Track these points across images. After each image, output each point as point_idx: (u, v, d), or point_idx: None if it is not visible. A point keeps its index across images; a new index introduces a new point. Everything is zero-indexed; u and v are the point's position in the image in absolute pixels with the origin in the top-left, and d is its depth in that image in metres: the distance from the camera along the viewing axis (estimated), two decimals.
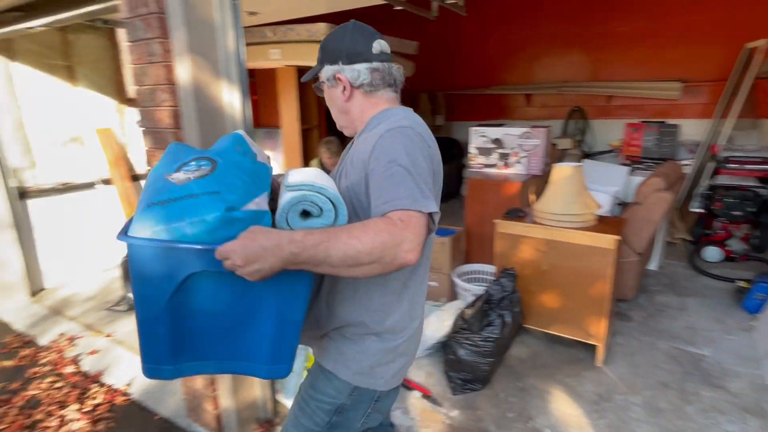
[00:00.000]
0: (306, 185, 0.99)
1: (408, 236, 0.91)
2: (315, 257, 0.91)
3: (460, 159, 6.68)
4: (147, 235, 0.94)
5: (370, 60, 1.17)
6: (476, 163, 3.74)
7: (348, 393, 1.20)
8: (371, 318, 1.16)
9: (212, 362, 1.08)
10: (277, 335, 1.05)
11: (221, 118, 1.86)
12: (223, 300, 1.02)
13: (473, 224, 3.59)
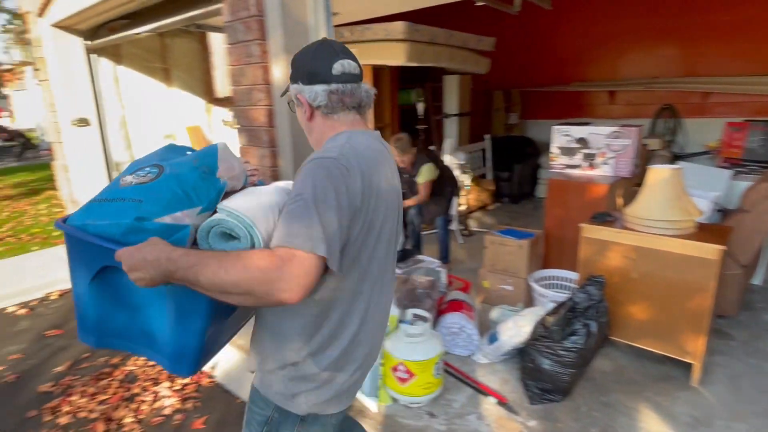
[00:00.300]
0: (226, 210, 1.04)
1: (286, 276, 0.89)
2: (187, 278, 0.93)
3: (534, 159, 6.43)
4: (78, 225, 1.05)
5: (328, 81, 1.12)
6: (558, 163, 3.57)
7: (273, 408, 1.15)
8: (285, 345, 1.11)
9: (131, 344, 1.18)
10: (177, 339, 1.10)
11: None
12: (131, 295, 1.10)
13: (553, 227, 3.44)
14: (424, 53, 4.53)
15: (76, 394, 2.55)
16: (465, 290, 3.29)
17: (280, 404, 1.13)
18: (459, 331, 2.75)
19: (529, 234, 3.30)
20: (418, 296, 2.83)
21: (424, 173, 3.66)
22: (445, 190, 3.87)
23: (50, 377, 2.75)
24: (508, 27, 6.62)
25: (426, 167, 3.66)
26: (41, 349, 3.08)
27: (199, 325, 1.09)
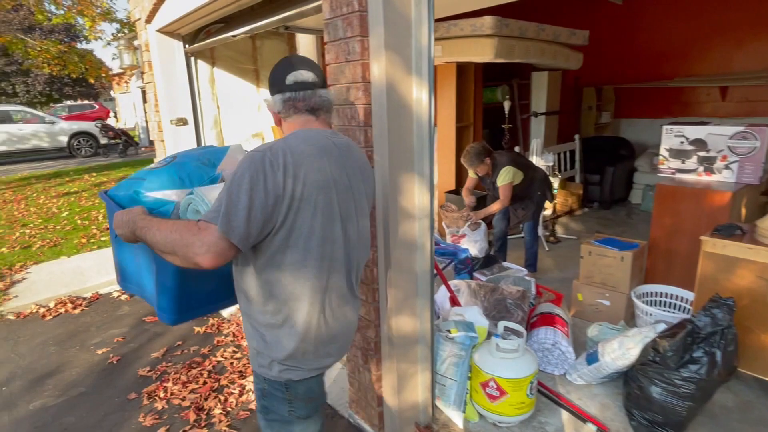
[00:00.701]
0: (195, 192, 1.37)
1: (197, 242, 1.11)
2: (143, 237, 1.22)
3: (629, 161, 5.92)
4: (109, 194, 1.44)
5: (283, 91, 1.35)
6: (667, 167, 3.21)
7: (262, 380, 1.34)
8: (250, 321, 1.32)
9: (140, 290, 1.56)
10: (158, 291, 1.44)
11: (408, 116, 1.82)
12: (135, 252, 1.48)
13: (660, 238, 3.09)
14: (513, 49, 4.30)
15: (170, 380, 2.67)
16: (557, 303, 3.05)
17: (265, 375, 1.32)
18: (552, 347, 2.54)
19: (631, 245, 2.99)
20: (508, 307, 2.66)
21: (502, 176, 3.46)
22: (533, 193, 3.63)
23: (147, 362, 2.92)
24: (604, 18, 6.15)
25: (504, 170, 3.45)
26: (140, 334, 3.28)
27: (170, 281, 1.39)
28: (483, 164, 3.49)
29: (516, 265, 3.51)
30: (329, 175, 1.26)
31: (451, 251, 3.45)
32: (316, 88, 1.37)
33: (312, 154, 1.24)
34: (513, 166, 3.49)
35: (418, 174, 1.89)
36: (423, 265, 2.01)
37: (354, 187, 1.35)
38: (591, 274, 3.06)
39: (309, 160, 1.22)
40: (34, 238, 5.35)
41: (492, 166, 3.54)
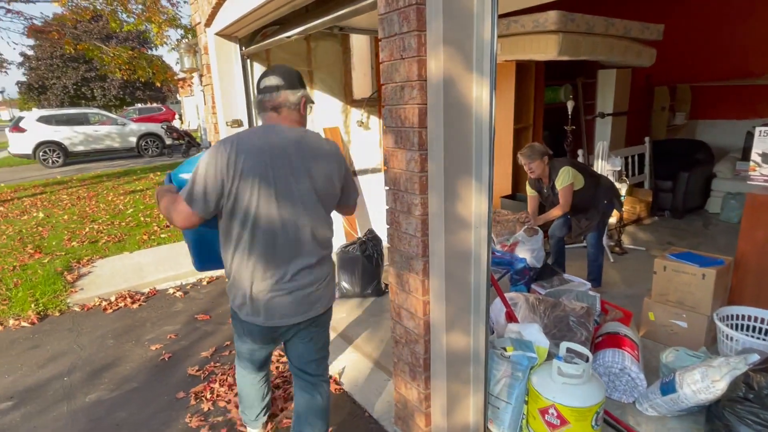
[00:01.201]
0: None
1: (173, 210, 1.60)
2: (157, 205, 1.81)
3: (706, 166, 5.41)
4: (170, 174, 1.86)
5: (257, 94, 1.74)
6: (759, 174, 2.85)
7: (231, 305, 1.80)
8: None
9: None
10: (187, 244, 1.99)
11: (467, 116, 1.68)
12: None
13: (750, 254, 2.74)
14: (579, 45, 4.02)
15: (217, 381, 2.67)
16: (625, 322, 2.78)
17: (231, 302, 1.78)
18: (620, 372, 2.29)
19: (714, 260, 2.67)
20: (571, 326, 2.43)
21: (561, 177, 3.21)
22: (599, 202, 3.35)
23: (197, 361, 2.94)
24: (680, 9, 5.67)
25: (563, 171, 3.20)
26: (191, 332, 3.33)
27: (189, 237, 1.93)
28: (540, 161, 3.27)
29: (578, 278, 3.25)
30: (268, 160, 1.59)
31: (507, 260, 3.25)
32: (280, 90, 1.68)
33: (255, 143, 1.60)
34: (572, 167, 3.24)
35: (476, 179, 1.74)
36: (478, 278, 1.85)
37: (298, 175, 1.64)
38: (665, 291, 2.76)
39: (251, 148, 1.59)
40: (101, 233, 5.66)
41: (549, 168, 3.31)
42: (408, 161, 1.73)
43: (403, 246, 1.87)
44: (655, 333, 2.84)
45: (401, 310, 1.98)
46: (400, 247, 1.90)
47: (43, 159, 12.65)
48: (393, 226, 1.91)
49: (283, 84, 1.67)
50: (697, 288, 2.62)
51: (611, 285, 3.71)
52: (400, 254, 1.90)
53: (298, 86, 1.71)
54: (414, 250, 1.80)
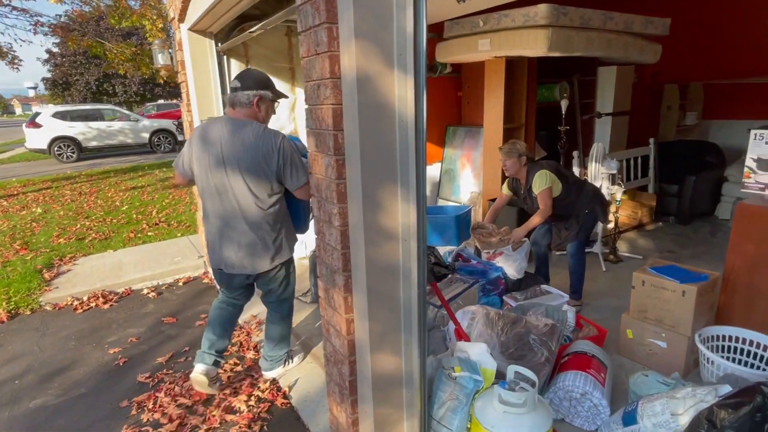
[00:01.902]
0: None
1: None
2: None
3: (717, 170, 5.08)
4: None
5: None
6: (754, 182, 2.59)
7: None
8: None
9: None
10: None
11: (389, 117, 1.51)
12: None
13: (739, 270, 2.50)
14: (572, 40, 3.78)
15: (164, 390, 2.57)
16: (599, 340, 2.57)
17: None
18: (581, 397, 2.10)
19: (699, 276, 2.44)
20: (531, 344, 2.24)
21: (537, 181, 3.00)
22: (579, 210, 3.12)
23: (150, 367, 2.85)
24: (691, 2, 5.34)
25: (539, 174, 2.99)
26: (154, 335, 3.25)
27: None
28: (516, 160, 3.08)
29: (557, 290, 3.04)
30: (209, 145, 2.15)
31: (480, 270, 3.07)
32: (236, 90, 2.16)
33: (206, 131, 2.20)
34: (550, 170, 3.03)
35: (402, 187, 1.58)
36: (409, 294, 1.69)
37: (226, 155, 2.12)
38: (644, 308, 2.54)
39: (202, 134, 2.21)
40: (90, 230, 5.66)
41: (528, 170, 3.10)
42: (326, 167, 1.58)
43: (328, 258, 1.72)
44: (633, 352, 2.62)
45: (329, 327, 1.83)
46: (325, 260, 1.75)
47: (57, 154, 12.91)
48: (319, 236, 1.77)
49: (240, 86, 2.16)
50: (677, 306, 2.39)
51: (598, 295, 3.48)
52: (326, 267, 1.76)
53: (253, 87, 2.15)
54: (336, 264, 1.65)
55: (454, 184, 5.18)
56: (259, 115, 2.20)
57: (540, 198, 3.03)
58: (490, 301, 2.98)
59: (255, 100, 2.15)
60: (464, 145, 5.08)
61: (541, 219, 3.10)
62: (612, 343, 2.76)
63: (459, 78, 5.15)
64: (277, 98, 2.28)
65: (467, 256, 3.30)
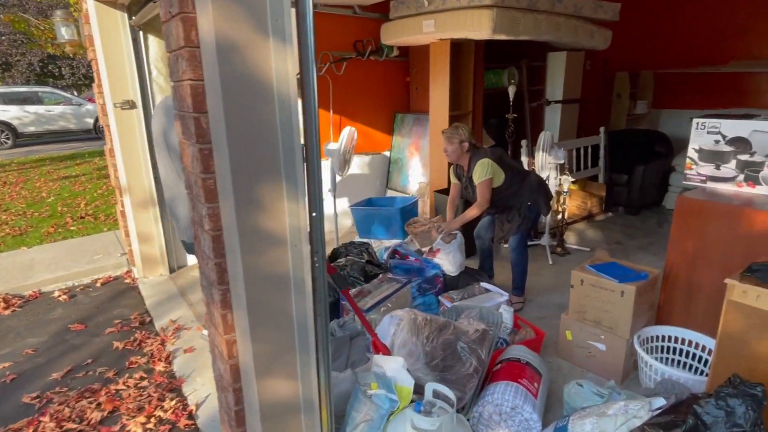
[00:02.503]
0: None
1: None
2: None
3: (665, 159, 5.05)
4: None
5: None
6: (696, 173, 2.46)
7: None
8: None
9: None
10: None
11: (266, 97, 1.24)
12: None
13: (679, 267, 2.37)
14: (518, 23, 3.58)
15: (49, 414, 2.24)
16: (536, 344, 2.40)
17: None
18: (511, 411, 1.91)
19: (639, 274, 2.29)
20: (459, 352, 2.04)
21: (478, 171, 2.81)
22: (521, 202, 2.95)
23: (42, 384, 2.51)
24: None
25: (480, 164, 2.80)
26: (55, 345, 2.89)
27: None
28: (457, 146, 2.88)
29: (498, 288, 2.86)
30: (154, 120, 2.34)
31: (416, 268, 2.85)
32: None
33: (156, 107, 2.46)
34: (492, 159, 2.83)
35: (288, 181, 1.31)
36: (303, 308, 1.44)
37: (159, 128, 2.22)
38: (583, 308, 2.39)
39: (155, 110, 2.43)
40: (5, 224, 5.13)
41: (470, 157, 2.90)
42: (192, 158, 1.30)
43: (204, 268, 1.45)
44: (572, 354, 2.47)
45: (214, 348, 1.56)
46: (203, 270, 1.47)
47: None
48: (196, 242, 1.48)
49: None
50: (616, 306, 2.25)
51: (543, 291, 3.33)
52: (204, 278, 1.48)
53: None
54: (212, 275, 1.38)
55: (402, 174, 4.95)
56: None
57: (479, 189, 2.84)
58: (426, 302, 2.77)
59: None
60: (412, 133, 4.84)
61: (479, 211, 2.91)
62: (553, 345, 2.61)
63: (407, 62, 4.90)
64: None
65: (405, 252, 3.08)
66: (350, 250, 2.98)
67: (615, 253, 4.01)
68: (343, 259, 2.81)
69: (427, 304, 2.77)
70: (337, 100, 4.52)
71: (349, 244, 3.06)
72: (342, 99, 4.56)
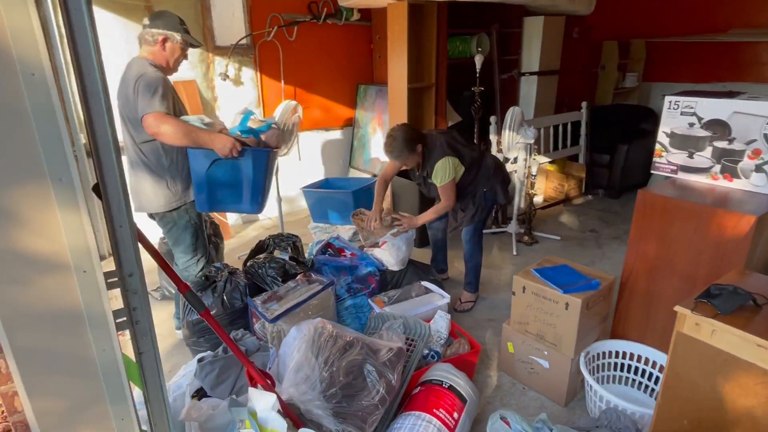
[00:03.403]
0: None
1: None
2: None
3: (650, 138, 4.61)
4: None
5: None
6: (666, 161, 2.09)
7: None
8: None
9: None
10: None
11: (7, 68, 0.86)
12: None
13: (638, 273, 2.02)
14: None
15: None
16: (469, 361, 2.08)
17: None
18: None
19: (589, 283, 1.94)
20: (366, 377, 1.71)
21: (439, 174, 2.41)
22: (477, 189, 2.58)
23: None
24: None
25: (440, 165, 2.40)
26: None
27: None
28: (414, 154, 2.46)
29: (440, 288, 2.52)
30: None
31: (347, 265, 2.50)
32: (144, 28, 2.04)
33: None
34: (451, 155, 2.43)
35: (56, 186, 0.95)
36: (112, 349, 1.09)
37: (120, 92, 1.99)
38: (525, 319, 2.05)
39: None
40: None
41: (423, 155, 2.50)
42: None
43: None
44: (514, 369, 2.15)
45: None
46: None
47: None
48: None
49: (148, 23, 2.02)
50: (560, 320, 1.91)
51: (500, 287, 3.01)
52: None
53: (160, 27, 1.99)
54: None
55: (365, 152, 4.56)
56: (163, 54, 2.03)
57: (443, 192, 2.46)
58: (357, 304, 2.44)
59: (160, 39, 2.00)
60: (375, 107, 4.42)
61: (444, 212, 2.56)
62: (497, 354, 2.30)
63: (370, 27, 4.43)
64: (187, 44, 2.10)
65: (340, 245, 2.73)
66: (277, 243, 2.63)
67: (586, 242, 3.67)
68: (263, 255, 2.46)
69: (357, 307, 2.44)
70: (289, 69, 4.08)
71: (277, 237, 2.71)
72: (295, 68, 4.12)
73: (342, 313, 2.44)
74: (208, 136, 1.94)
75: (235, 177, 2.04)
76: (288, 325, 2.04)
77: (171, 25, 2.02)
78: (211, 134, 1.96)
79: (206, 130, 1.97)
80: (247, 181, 2.05)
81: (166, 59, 2.05)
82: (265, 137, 2.26)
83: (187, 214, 2.18)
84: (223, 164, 1.99)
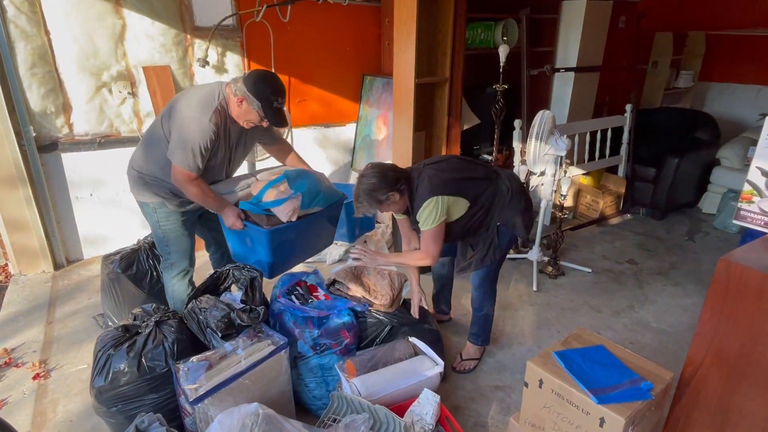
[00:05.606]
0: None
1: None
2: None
3: (709, 149, 3.92)
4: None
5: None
6: (757, 210, 1.45)
7: None
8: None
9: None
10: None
11: None
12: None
13: (707, 373, 1.40)
14: None
15: None
16: None
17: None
18: None
19: (636, 387, 1.35)
20: None
21: (425, 216, 1.83)
22: (490, 224, 1.99)
23: None
24: None
25: (429, 204, 1.82)
26: None
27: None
28: (389, 202, 1.88)
29: (432, 352, 1.94)
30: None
31: (314, 317, 1.95)
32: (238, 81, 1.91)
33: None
34: (443, 193, 1.85)
35: None
36: None
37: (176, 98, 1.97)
38: (540, 421, 1.48)
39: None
40: None
41: (409, 193, 1.92)
42: None
43: None
44: None
45: None
46: None
47: None
48: None
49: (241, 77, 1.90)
50: None
51: (513, 337, 2.43)
52: None
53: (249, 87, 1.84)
54: None
55: (369, 154, 3.98)
56: (236, 110, 1.91)
57: (424, 240, 1.89)
58: (324, 365, 1.90)
59: (239, 97, 1.87)
60: (381, 102, 3.83)
61: (423, 264, 2.01)
62: None
63: (379, 9, 3.82)
64: (264, 120, 1.91)
65: (314, 281, 2.19)
66: (237, 278, 2.08)
67: (624, 278, 3.04)
68: (204, 298, 1.92)
69: (325, 369, 1.90)
70: (281, 55, 3.52)
71: (240, 268, 2.12)
72: (288, 54, 3.56)
73: (305, 376, 1.92)
74: (218, 206, 1.99)
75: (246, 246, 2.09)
76: (216, 408, 1.53)
77: (260, 94, 1.84)
78: (222, 205, 1.99)
79: (220, 198, 2.00)
80: (253, 253, 2.06)
81: (238, 115, 1.93)
82: (276, 211, 1.94)
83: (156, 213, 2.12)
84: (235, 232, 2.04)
